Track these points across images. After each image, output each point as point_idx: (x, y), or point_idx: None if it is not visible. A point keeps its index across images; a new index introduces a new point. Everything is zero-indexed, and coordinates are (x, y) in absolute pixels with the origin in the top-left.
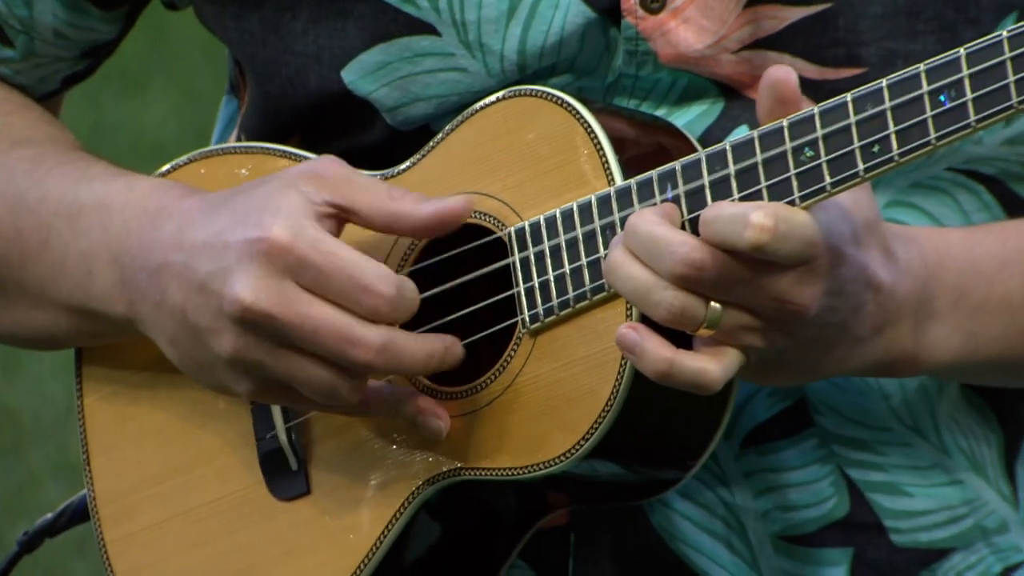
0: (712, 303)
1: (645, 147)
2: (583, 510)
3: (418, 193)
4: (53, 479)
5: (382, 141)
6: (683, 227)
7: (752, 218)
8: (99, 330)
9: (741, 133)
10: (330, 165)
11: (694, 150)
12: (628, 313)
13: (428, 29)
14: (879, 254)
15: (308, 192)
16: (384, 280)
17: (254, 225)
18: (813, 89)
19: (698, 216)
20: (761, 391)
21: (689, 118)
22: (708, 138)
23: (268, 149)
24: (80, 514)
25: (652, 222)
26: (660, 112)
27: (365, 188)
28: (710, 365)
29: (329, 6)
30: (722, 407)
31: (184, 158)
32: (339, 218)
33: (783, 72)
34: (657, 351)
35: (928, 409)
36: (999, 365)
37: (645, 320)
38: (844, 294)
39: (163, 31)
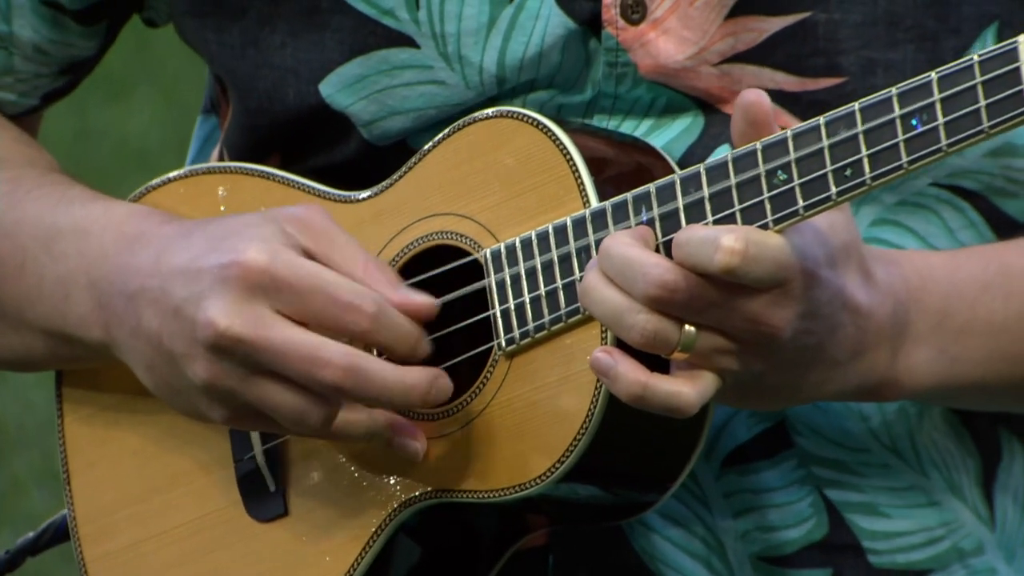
0: (686, 326)
1: (622, 168)
2: (562, 531)
3: (392, 275)
4: (37, 487)
5: (358, 157)
6: (658, 250)
7: (723, 241)
8: (76, 354)
9: (724, 151)
10: (316, 215)
11: (671, 170)
12: (603, 336)
13: (407, 41)
14: (857, 276)
15: (289, 232)
16: (364, 297)
17: (228, 250)
18: (792, 101)
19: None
20: (741, 412)
21: (671, 136)
22: (690, 157)
23: (247, 169)
24: (62, 532)
25: (625, 244)
26: (641, 127)
27: (343, 248)
28: (685, 388)
29: (308, 19)
30: (698, 429)
31: (158, 180)
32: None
33: (755, 95)
34: (630, 374)
35: (906, 431)
36: (981, 388)
37: (621, 344)
38: (819, 316)
39: (147, 39)
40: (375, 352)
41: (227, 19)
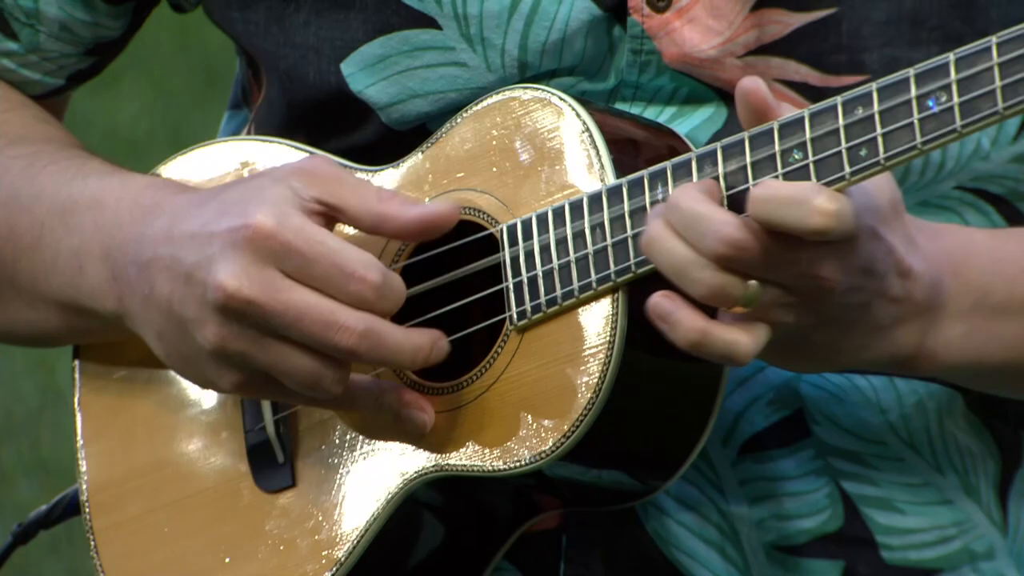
0: (750, 281)
1: (640, 148)
2: (575, 513)
3: (407, 195)
4: (25, 477)
5: (378, 141)
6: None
7: (817, 203)
8: (90, 327)
9: None
10: (321, 163)
11: (687, 146)
12: (614, 311)
13: (429, 22)
14: (904, 239)
15: (297, 187)
16: (370, 267)
17: (238, 214)
18: (816, 95)
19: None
20: (760, 399)
21: (694, 124)
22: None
23: (268, 140)
24: (74, 507)
25: (695, 199)
26: (664, 115)
27: (355, 187)
28: (742, 337)
29: None
30: (709, 406)
31: (178, 154)
32: (328, 216)
33: (750, 83)
34: (689, 321)
35: (923, 426)
36: (1014, 371)
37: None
38: (873, 274)
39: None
40: None
41: None
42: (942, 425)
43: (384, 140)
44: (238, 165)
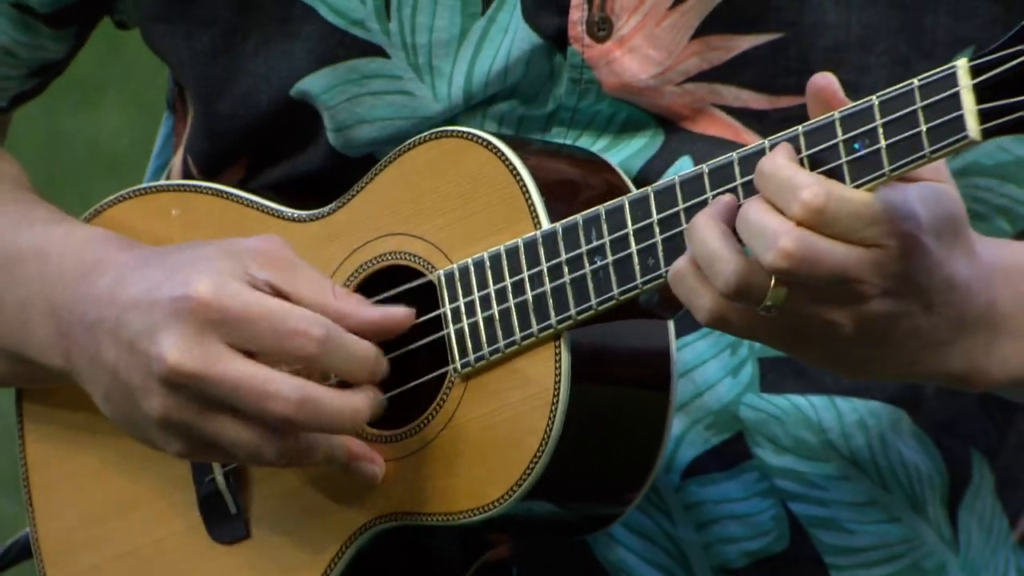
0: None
1: (575, 188)
2: (524, 543)
3: (359, 296)
4: (5, 494)
5: (325, 168)
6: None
7: (802, 195)
8: (37, 376)
9: (683, 164)
10: (277, 246)
11: (625, 187)
12: (557, 357)
13: (376, 51)
14: (962, 254)
15: (249, 266)
16: (312, 323)
17: (181, 283)
18: (759, 119)
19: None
20: (699, 423)
21: (630, 152)
22: (649, 170)
23: (200, 188)
24: (26, 551)
25: (710, 234)
26: (600, 144)
27: (309, 279)
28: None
29: (278, 28)
30: (657, 441)
31: (113, 197)
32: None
33: (823, 79)
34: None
35: (866, 443)
36: None
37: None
38: (912, 283)
39: (118, 43)
40: (332, 379)
41: (197, 26)
42: (884, 442)
43: (332, 168)
44: (178, 217)
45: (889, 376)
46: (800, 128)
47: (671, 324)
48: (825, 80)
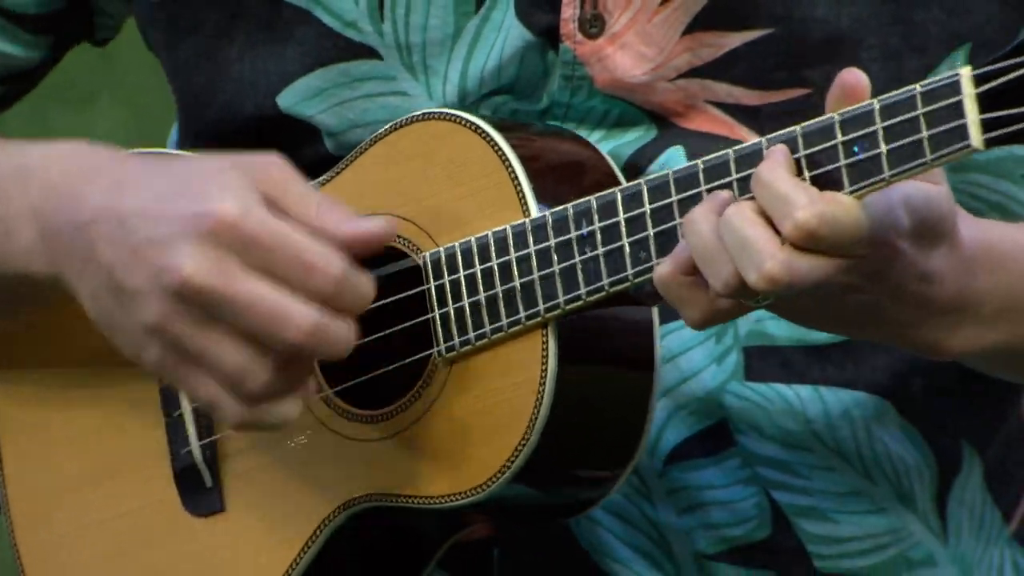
0: None
1: (563, 174)
2: (505, 527)
3: (346, 210)
4: None
5: (318, 174)
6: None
7: (798, 216)
8: (20, 294)
9: (673, 152)
10: (275, 161)
11: (614, 174)
12: (544, 344)
13: (369, 53)
14: (944, 251)
15: (259, 183)
16: (331, 261)
17: (199, 198)
18: (751, 115)
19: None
20: (683, 408)
21: (622, 141)
22: (639, 157)
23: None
24: None
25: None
26: (592, 137)
27: (299, 195)
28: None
29: (268, 30)
30: (639, 425)
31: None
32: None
33: (854, 77)
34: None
35: (851, 434)
36: None
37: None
38: (882, 278)
39: (110, 47)
40: None
41: (180, 34)
42: (870, 433)
43: (326, 168)
44: None
45: (878, 340)
46: (799, 128)
47: (655, 310)
48: (855, 78)
